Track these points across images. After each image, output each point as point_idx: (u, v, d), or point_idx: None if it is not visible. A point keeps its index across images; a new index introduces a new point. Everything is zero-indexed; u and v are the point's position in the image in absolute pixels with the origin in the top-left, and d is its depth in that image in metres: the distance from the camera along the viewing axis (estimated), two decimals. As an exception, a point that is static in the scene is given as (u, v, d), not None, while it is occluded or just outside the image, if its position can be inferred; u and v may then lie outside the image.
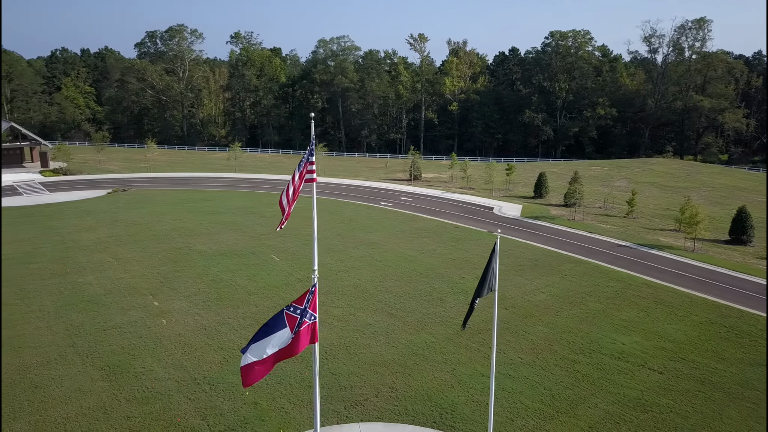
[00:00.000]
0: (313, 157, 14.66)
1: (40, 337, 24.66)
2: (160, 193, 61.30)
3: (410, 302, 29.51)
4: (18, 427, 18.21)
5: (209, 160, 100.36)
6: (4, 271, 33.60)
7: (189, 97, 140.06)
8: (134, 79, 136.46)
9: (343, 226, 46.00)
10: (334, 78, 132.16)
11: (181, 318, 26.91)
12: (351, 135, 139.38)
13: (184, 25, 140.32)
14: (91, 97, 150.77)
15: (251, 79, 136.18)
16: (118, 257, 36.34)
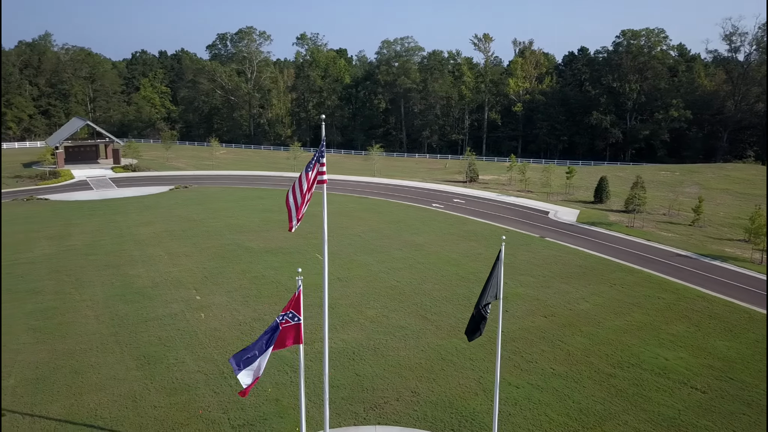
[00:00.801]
0: (323, 158, 14.64)
1: (86, 326, 25.95)
2: (220, 190, 63.35)
3: (446, 306, 29.09)
4: (54, 410, 19.20)
5: (272, 159, 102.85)
6: (68, 261, 35.64)
7: (256, 98, 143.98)
8: (205, 79, 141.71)
9: (390, 227, 45.96)
10: (397, 79, 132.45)
11: (219, 312, 27.64)
12: (412, 136, 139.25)
13: (253, 27, 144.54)
14: (166, 96, 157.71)
15: (316, 80, 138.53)
16: (169, 251, 37.78)
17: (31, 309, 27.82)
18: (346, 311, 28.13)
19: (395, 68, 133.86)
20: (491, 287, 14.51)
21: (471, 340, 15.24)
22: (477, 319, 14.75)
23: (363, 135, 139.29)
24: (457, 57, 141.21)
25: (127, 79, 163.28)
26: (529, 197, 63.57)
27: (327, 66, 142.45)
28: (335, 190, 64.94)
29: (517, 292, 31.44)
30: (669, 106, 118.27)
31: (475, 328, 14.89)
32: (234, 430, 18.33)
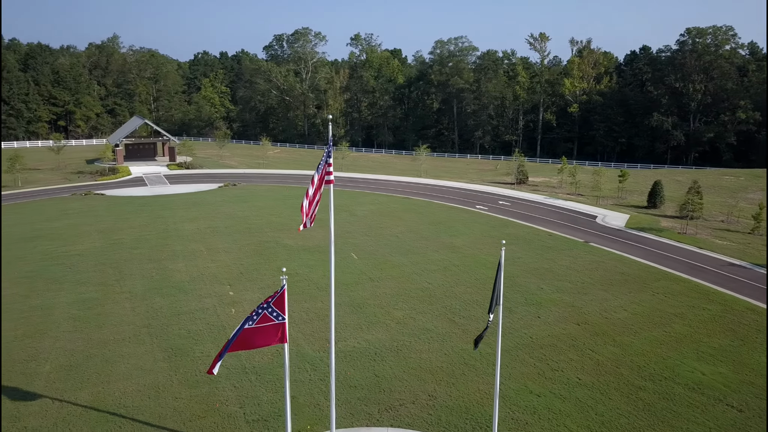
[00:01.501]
0: (330, 158, 14.65)
1: (122, 317, 26.94)
2: (267, 188, 64.61)
3: (476, 310, 28.63)
4: (82, 396, 20.01)
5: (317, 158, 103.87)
6: (114, 254, 37.15)
7: (310, 98, 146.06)
8: (261, 80, 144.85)
9: (429, 229, 45.65)
10: (450, 79, 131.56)
11: (249, 308, 28.12)
12: (465, 136, 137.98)
13: (309, 28, 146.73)
14: (226, 96, 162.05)
15: (369, 80, 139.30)
16: (210, 247, 38.79)
17: (74, 299, 29.13)
18: (374, 311, 28.10)
19: (448, 68, 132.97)
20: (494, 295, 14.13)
21: (475, 348, 14.93)
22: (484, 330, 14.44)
23: (415, 135, 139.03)
24: (512, 57, 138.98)
25: (189, 79, 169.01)
26: (578, 201, 61.83)
27: (380, 66, 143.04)
28: (379, 190, 65.09)
29: (552, 298, 30.60)
30: (736, 107, 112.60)
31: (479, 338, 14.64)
32: (248, 425, 18.59)
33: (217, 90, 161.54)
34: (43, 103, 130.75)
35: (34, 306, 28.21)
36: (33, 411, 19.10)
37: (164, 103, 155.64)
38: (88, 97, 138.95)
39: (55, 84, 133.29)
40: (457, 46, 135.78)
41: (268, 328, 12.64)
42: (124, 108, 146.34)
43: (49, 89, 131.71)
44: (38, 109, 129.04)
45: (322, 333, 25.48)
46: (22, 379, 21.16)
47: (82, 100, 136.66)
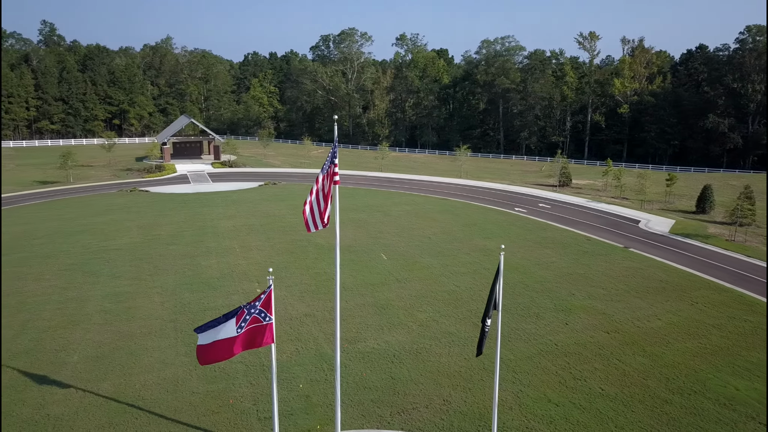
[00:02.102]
0: (336, 159, 14.58)
1: (151, 311, 27.64)
2: (306, 188, 65.24)
3: (503, 315, 28.01)
4: (104, 387, 20.60)
5: (365, 158, 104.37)
6: (151, 249, 38.21)
7: (355, 98, 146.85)
8: (307, 80, 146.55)
9: (463, 230, 45.11)
10: (496, 79, 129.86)
11: (275, 306, 28.35)
12: (510, 137, 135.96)
13: (355, 29, 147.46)
14: (275, 96, 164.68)
15: (413, 80, 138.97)
16: (243, 244, 39.41)
17: (108, 292, 30.08)
18: (397, 313, 27.91)
19: (494, 68, 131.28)
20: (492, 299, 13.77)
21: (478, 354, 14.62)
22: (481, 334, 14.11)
23: (459, 136, 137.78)
24: (560, 56, 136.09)
25: (239, 79, 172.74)
26: (622, 204, 59.97)
27: (425, 66, 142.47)
28: (417, 191, 64.81)
29: (582, 304, 29.71)
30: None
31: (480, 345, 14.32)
32: (260, 422, 18.73)
33: (266, 90, 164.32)
34: (100, 102, 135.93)
35: (70, 298, 29.27)
36: (57, 399, 19.77)
37: (214, 103, 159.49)
38: (142, 96, 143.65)
39: (110, 84, 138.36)
40: (503, 46, 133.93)
41: (258, 330, 12.65)
42: (175, 107, 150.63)
43: (105, 89, 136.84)
44: (95, 108, 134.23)
45: (343, 333, 25.45)
46: (50, 368, 21.95)
47: (136, 100, 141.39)
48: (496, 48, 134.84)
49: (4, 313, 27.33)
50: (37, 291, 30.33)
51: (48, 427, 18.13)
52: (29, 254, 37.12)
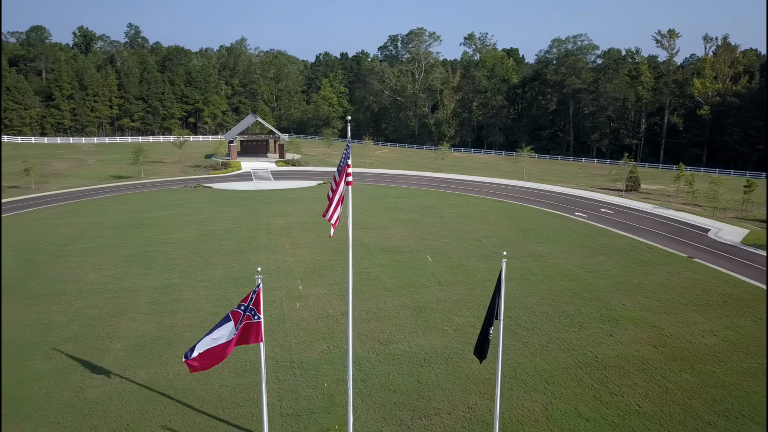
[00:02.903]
0: (349, 159, 14.54)
1: (196, 303, 28.59)
2: (362, 187, 65.69)
3: (543, 323, 27.13)
4: (140, 375, 21.47)
5: (428, 158, 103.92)
6: (204, 244, 39.56)
7: (421, 98, 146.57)
8: (375, 80, 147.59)
9: (517, 234, 44.02)
10: (566, 79, 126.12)
11: (313, 304, 28.73)
12: (580, 139, 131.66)
13: (424, 28, 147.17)
14: (344, 96, 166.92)
15: (481, 80, 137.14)
16: (293, 242, 40.11)
17: (158, 284, 31.37)
18: (434, 316, 27.56)
19: (564, 68, 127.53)
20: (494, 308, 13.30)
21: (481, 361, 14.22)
22: (481, 340, 13.67)
23: (527, 136, 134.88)
24: (636, 55, 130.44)
25: (310, 79, 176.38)
26: (692, 212, 56.76)
27: (494, 66, 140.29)
28: (474, 192, 63.86)
29: (632, 315, 28.29)
30: None
31: (481, 349, 13.84)
32: (282, 418, 18.95)
33: (336, 90, 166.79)
34: (177, 101, 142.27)
35: (123, 288, 30.73)
36: (96, 384, 20.77)
37: (285, 102, 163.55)
38: (216, 96, 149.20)
39: (187, 84, 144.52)
40: (575, 45, 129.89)
41: (248, 328, 12.78)
42: (247, 106, 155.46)
43: (182, 88, 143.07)
44: (172, 106, 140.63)
45: (376, 334, 25.41)
46: (95, 354, 23.10)
47: (210, 99, 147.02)
48: (567, 47, 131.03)
49: (63, 299, 29.05)
50: (95, 280, 32.05)
51: (84, 410, 19.07)
52: (93, 245, 39.30)
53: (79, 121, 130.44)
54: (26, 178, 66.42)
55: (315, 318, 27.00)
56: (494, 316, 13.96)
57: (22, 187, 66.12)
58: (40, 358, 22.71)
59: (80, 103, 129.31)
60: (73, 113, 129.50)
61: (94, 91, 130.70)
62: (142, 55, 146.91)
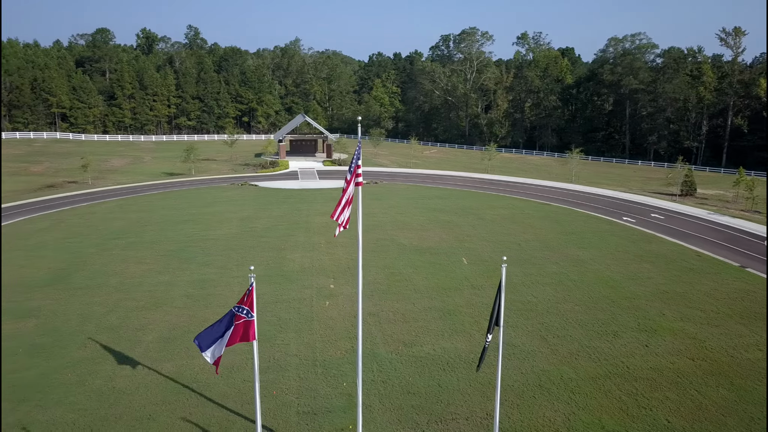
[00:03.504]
0: (359, 160, 14.51)
1: (228, 299, 29.19)
2: (405, 187, 65.58)
3: (575, 330, 26.34)
4: (166, 367, 22.08)
5: (476, 159, 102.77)
6: (243, 241, 40.36)
7: (473, 98, 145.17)
8: (426, 80, 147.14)
9: (559, 238, 42.94)
10: (623, 79, 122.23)
11: (342, 303, 28.85)
12: (637, 141, 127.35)
13: (476, 28, 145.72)
14: (396, 96, 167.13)
15: (533, 80, 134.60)
16: (329, 240, 40.41)
17: (194, 278, 32.21)
18: (463, 320, 27.18)
19: (621, 68, 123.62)
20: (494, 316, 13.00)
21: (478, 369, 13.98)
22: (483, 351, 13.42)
23: (581, 138, 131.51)
24: (698, 54, 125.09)
25: (363, 79, 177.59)
26: (751, 219, 53.98)
27: (547, 66, 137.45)
28: (519, 194, 62.69)
29: (672, 326, 27.10)
30: None
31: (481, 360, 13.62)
32: (297, 415, 19.09)
33: (388, 90, 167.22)
34: (231, 101, 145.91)
35: (162, 282, 31.69)
36: (125, 374, 21.49)
37: (336, 102, 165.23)
38: (269, 95, 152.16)
39: (242, 84, 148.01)
40: (633, 44, 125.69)
41: (242, 326, 12.92)
42: (300, 106, 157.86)
43: (236, 88, 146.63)
44: (227, 106, 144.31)
45: (402, 335, 25.26)
46: (127, 344, 23.91)
47: (264, 99, 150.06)
48: (625, 46, 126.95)
49: (104, 291, 30.22)
50: (136, 273, 33.20)
51: (111, 399, 19.75)
52: (138, 240, 40.73)
53: (139, 119, 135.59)
54: (84, 174, 69.52)
55: (342, 317, 27.10)
56: (494, 323, 13.63)
57: (80, 183, 69.29)
58: (76, 346, 23.68)
59: (140, 102, 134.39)
60: (133, 112, 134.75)
61: (154, 91, 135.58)
62: (199, 55, 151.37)
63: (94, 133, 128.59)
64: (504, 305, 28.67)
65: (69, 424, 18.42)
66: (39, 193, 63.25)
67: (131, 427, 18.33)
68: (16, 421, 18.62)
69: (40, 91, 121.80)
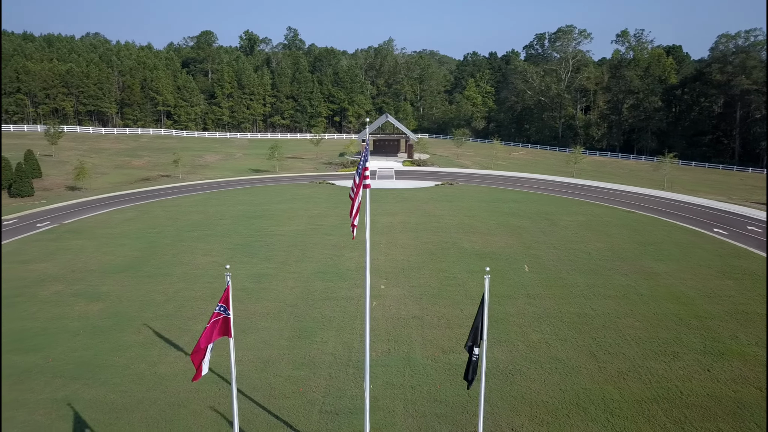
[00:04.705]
0: (367, 162, 14.42)
1: (280, 294, 29.96)
2: (480, 189, 64.30)
3: (630, 348, 24.66)
4: (208, 356, 22.94)
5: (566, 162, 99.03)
6: (308, 237, 41.26)
7: (567, 99, 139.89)
8: (519, 80, 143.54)
9: (633, 249, 40.43)
10: (733, 79, 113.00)
11: (389, 304, 28.75)
12: (748, 146, 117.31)
13: (573, 26, 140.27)
14: (490, 96, 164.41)
15: (633, 79, 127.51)
16: (390, 241, 40.42)
17: (253, 272, 33.33)
18: (509, 329, 26.23)
19: (732, 66, 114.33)
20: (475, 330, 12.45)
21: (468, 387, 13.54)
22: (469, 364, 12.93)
23: (684, 142, 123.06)
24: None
25: (457, 78, 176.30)
26: None
27: (649, 65, 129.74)
28: (600, 200, 59.64)
29: (743, 350, 24.71)
30: None
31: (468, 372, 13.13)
32: (320, 414, 19.24)
33: (482, 90, 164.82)
34: (324, 100, 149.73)
35: (222, 274, 32.96)
36: (167, 360, 22.62)
37: (427, 102, 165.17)
38: (361, 95, 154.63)
39: (334, 84, 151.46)
40: (747, 41, 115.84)
41: (218, 323, 13.13)
42: (390, 106, 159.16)
43: (329, 88, 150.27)
44: (319, 105, 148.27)
45: (442, 342, 24.78)
46: (177, 333, 25.16)
47: (355, 99, 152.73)
48: (738, 43, 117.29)
49: (168, 280, 31.97)
50: (201, 265, 34.87)
51: (150, 383, 20.87)
52: (210, 232, 42.76)
53: (236, 117, 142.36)
54: (176, 168, 73.96)
55: (386, 319, 27.00)
56: (479, 337, 13.02)
57: (172, 177, 73.89)
58: (131, 331, 25.23)
59: (238, 101, 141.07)
60: (231, 110, 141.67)
61: (251, 90, 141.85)
62: (296, 56, 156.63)
63: (194, 130, 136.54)
64: (559, 316, 27.45)
65: (108, 404, 19.65)
66: (134, 185, 68.12)
67: (162, 411, 19.26)
68: (64, 397, 20.11)
69: (149, 90, 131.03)
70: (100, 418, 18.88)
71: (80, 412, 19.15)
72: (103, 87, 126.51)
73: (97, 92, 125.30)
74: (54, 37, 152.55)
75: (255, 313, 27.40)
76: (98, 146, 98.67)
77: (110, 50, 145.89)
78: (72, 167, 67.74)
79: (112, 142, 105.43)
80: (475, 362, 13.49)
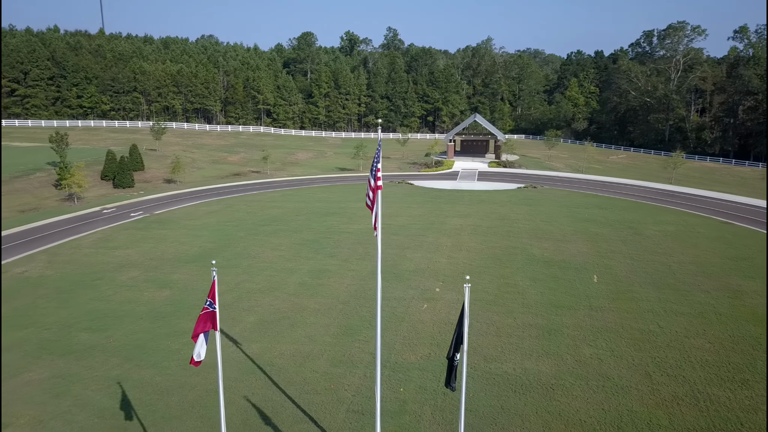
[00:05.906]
0: (379, 164, 14.39)
1: (335, 291, 30.45)
2: (564, 194, 61.73)
3: (693, 372, 22.74)
4: (251, 348, 23.84)
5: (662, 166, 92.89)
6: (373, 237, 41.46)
7: (675, 99, 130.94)
8: (623, 79, 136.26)
9: (724, 263, 37.18)
10: None
11: (440, 308, 28.37)
12: None
13: (686, 22, 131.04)
14: (594, 97, 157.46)
15: (752, 79, 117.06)
16: (456, 243, 39.81)
17: (314, 268, 34.09)
18: (560, 341, 25.03)
19: None
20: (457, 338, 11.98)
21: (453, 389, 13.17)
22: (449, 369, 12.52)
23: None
24: None
25: (560, 77, 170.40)
26: None
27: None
28: (699, 210, 55.27)
29: (830, 383, 22.04)
30: None
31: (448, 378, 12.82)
32: (346, 413, 19.40)
33: (585, 90, 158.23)
34: (418, 100, 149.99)
35: (285, 268, 34.08)
36: (214, 348, 23.56)
37: (525, 102, 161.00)
38: (456, 95, 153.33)
39: (429, 84, 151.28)
40: None
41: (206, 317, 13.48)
42: (486, 106, 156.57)
43: (424, 88, 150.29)
44: (413, 105, 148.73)
45: (486, 350, 24.10)
46: (229, 323, 26.27)
47: (450, 99, 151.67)
48: None
49: (234, 272, 33.43)
50: (267, 258, 36.16)
51: (194, 369, 21.91)
52: (283, 227, 44.21)
53: (332, 117, 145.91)
54: (265, 165, 77.09)
55: (433, 322, 26.67)
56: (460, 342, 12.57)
57: (261, 173, 77.10)
58: (188, 319, 26.64)
59: (334, 100, 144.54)
60: (327, 110, 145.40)
61: (347, 90, 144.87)
62: (392, 56, 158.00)
63: (292, 128, 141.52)
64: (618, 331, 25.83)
65: (153, 385, 20.90)
66: (225, 179, 71.79)
67: (199, 396, 20.21)
68: (117, 375, 21.64)
69: (251, 89, 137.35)
70: (144, 398, 20.12)
71: (127, 391, 20.52)
72: (209, 86, 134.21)
73: (203, 91, 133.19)
74: (171, 39, 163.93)
75: (306, 308, 28.02)
76: (200, 142, 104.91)
77: (218, 51, 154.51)
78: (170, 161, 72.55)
79: (213, 139, 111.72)
80: (456, 368, 13.08)
